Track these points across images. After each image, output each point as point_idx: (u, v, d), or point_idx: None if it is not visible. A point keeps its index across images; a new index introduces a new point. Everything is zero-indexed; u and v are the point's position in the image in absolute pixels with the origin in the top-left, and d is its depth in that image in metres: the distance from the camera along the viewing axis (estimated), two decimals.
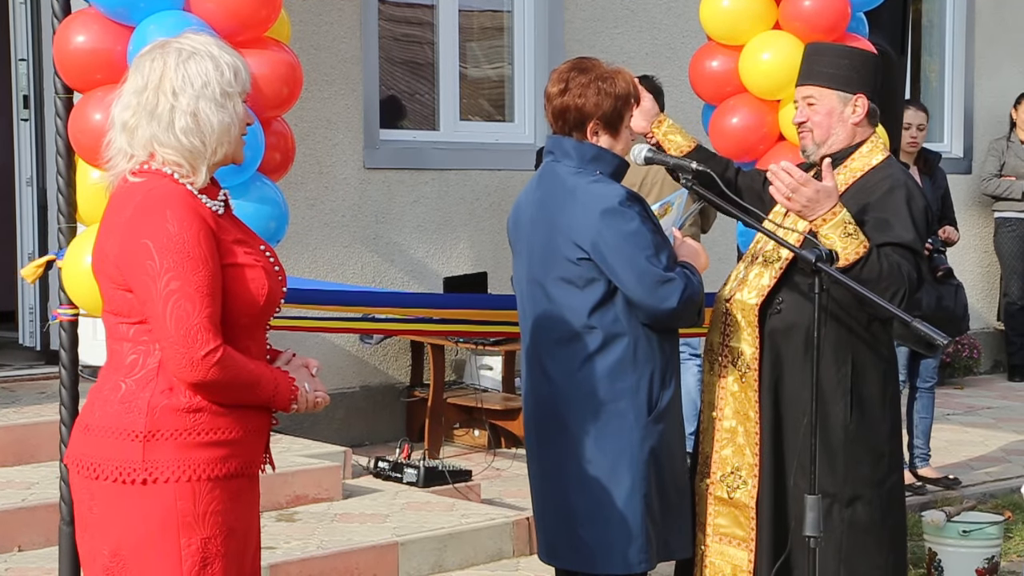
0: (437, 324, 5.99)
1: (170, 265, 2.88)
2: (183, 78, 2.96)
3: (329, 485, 5.84)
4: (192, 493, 2.93)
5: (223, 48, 3.04)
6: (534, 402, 4.01)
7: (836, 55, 4.18)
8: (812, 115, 4.11)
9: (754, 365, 4.08)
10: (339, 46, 7.61)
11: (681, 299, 3.80)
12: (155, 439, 2.93)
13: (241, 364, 2.95)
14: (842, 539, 4.03)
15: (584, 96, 3.87)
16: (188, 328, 2.87)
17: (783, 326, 4.07)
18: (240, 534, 3.03)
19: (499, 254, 8.01)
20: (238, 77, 3.01)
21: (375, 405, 7.72)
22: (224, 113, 2.98)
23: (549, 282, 3.92)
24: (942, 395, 8.16)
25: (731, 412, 4.14)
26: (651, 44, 8.74)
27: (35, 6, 7.16)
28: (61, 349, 4.40)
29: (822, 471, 3.87)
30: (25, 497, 5.26)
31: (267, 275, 3.04)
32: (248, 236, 3.11)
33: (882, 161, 4.11)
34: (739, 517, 4.12)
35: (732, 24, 5.04)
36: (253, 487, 3.09)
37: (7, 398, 6.35)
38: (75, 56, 4.13)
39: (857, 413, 4.05)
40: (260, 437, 3.07)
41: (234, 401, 2.98)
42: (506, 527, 5.62)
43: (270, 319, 3.12)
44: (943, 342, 3.64)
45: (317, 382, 3.11)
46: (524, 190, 4.11)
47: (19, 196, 7.41)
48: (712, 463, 4.17)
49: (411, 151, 7.99)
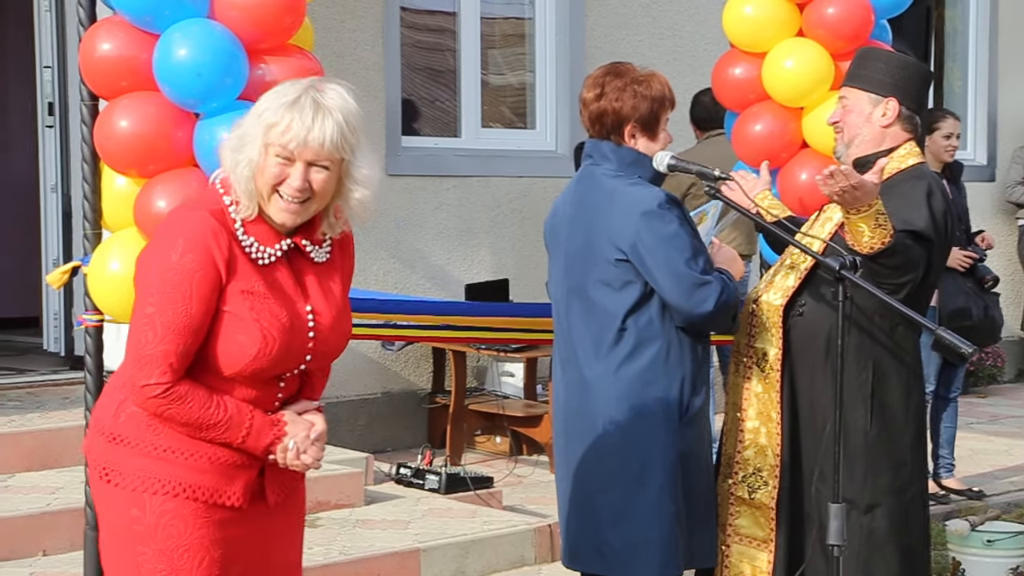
0: (459, 331, 5.99)
1: (155, 290, 2.86)
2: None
3: (351, 491, 5.85)
4: (142, 503, 2.91)
5: (325, 106, 2.86)
6: (565, 403, 4.02)
7: (875, 59, 4.24)
8: (843, 115, 4.18)
9: (777, 366, 4.09)
10: (361, 53, 7.63)
11: (717, 303, 3.81)
12: (116, 442, 2.94)
13: (195, 403, 2.87)
14: (860, 547, 4.02)
15: (620, 100, 3.89)
16: (140, 355, 2.86)
17: (805, 328, 4.07)
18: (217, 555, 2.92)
19: (521, 261, 8.01)
20: (275, 130, 2.86)
21: (397, 411, 7.73)
22: (237, 154, 2.89)
23: (585, 284, 3.94)
24: (965, 404, 8.12)
25: (754, 413, 4.14)
26: (672, 51, 8.74)
27: (60, 13, 7.20)
28: (86, 355, 4.42)
29: (839, 475, 3.87)
30: (50, 502, 5.28)
31: (265, 336, 2.89)
32: (280, 294, 2.94)
33: (914, 165, 4.14)
34: (759, 518, 4.12)
35: (755, 31, 5.03)
36: (239, 517, 2.96)
37: (32, 403, 6.38)
38: (101, 63, 4.15)
39: (878, 420, 4.04)
40: (235, 471, 2.95)
41: (187, 434, 2.91)
42: (528, 534, 5.62)
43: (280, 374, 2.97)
44: (968, 351, 3.61)
45: (313, 447, 2.96)
46: (562, 194, 4.13)
47: (44, 202, 7.44)
48: (735, 464, 4.17)
49: (433, 158, 7.99)
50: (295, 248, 2.99)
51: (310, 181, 2.90)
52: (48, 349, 7.49)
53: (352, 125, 2.90)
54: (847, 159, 4.17)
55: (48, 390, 6.71)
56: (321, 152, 2.87)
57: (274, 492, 3.02)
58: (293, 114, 2.85)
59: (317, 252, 3.03)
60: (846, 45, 4.91)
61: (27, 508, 5.20)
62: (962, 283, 6.64)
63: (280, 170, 2.88)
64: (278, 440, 2.94)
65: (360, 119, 2.94)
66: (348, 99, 2.92)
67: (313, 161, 2.88)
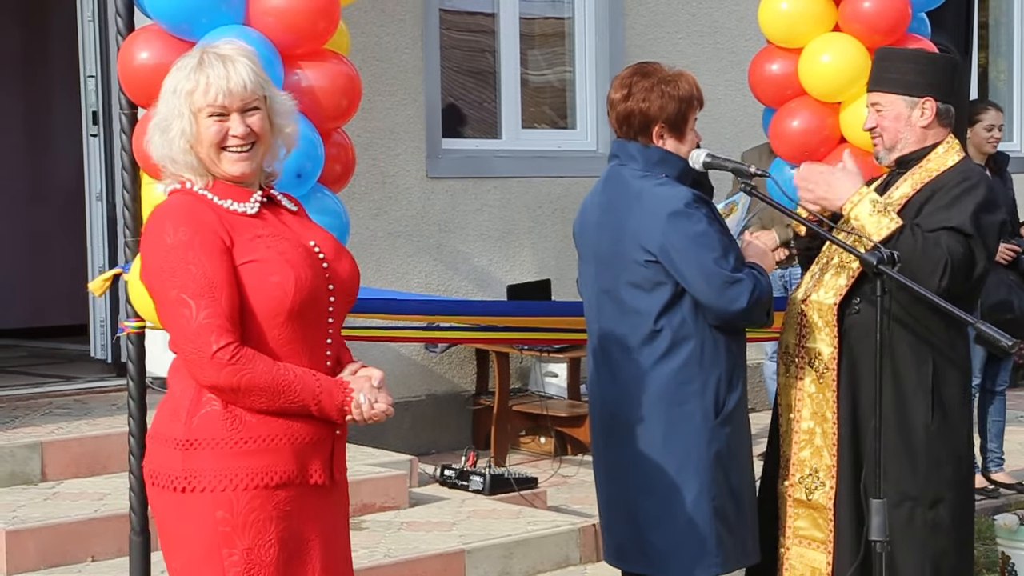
0: (502, 332, 6.00)
1: (168, 275, 2.90)
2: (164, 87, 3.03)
3: (396, 493, 5.86)
4: (229, 503, 2.90)
5: (221, 59, 3.00)
6: (601, 405, 4.02)
7: (902, 59, 4.23)
8: (880, 120, 4.17)
9: (832, 365, 4.08)
10: (401, 57, 7.66)
11: (750, 300, 3.80)
12: (193, 448, 2.93)
13: (264, 366, 2.90)
14: (926, 541, 4.01)
15: (648, 100, 3.88)
16: (190, 332, 2.87)
17: (860, 326, 4.05)
18: (293, 544, 2.97)
19: (563, 261, 8.01)
20: (197, 92, 2.97)
21: (441, 413, 7.75)
22: (168, 134, 3.00)
23: (616, 286, 3.93)
24: (1014, 397, 8.05)
25: (808, 413, 4.13)
26: (713, 48, 8.71)
27: (103, 23, 7.27)
28: (129, 361, 4.46)
29: (903, 473, 3.89)
30: (97, 508, 5.33)
31: (294, 268, 2.96)
32: (284, 230, 3.05)
33: (959, 162, 4.14)
34: (817, 519, 4.11)
35: (791, 27, 5.01)
36: (317, 496, 3.01)
37: (80, 410, 6.45)
38: (139, 72, 4.18)
39: (939, 414, 4.03)
40: (315, 447, 3.00)
41: (264, 406, 2.92)
42: (572, 534, 5.62)
43: (327, 322, 3.04)
44: (1007, 343, 3.60)
45: (381, 394, 3.00)
46: (589, 194, 4.12)
47: (89, 211, 7.52)
48: (791, 465, 4.16)
49: (474, 160, 8.01)
50: (269, 200, 3.10)
51: (250, 126, 3.01)
52: (95, 356, 7.57)
53: (257, 63, 3.07)
54: (889, 162, 4.20)
55: (95, 397, 6.78)
56: (246, 95, 3.00)
57: (339, 470, 3.08)
58: (206, 72, 2.98)
59: (287, 202, 3.16)
60: (883, 39, 4.86)
61: (75, 514, 5.26)
62: (1004, 276, 6.60)
63: (219, 127, 3.00)
64: (349, 397, 2.97)
65: (257, 55, 3.12)
66: (239, 43, 3.11)
67: (243, 107, 3.01)
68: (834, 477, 4.07)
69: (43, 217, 9.45)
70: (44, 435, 5.85)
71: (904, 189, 4.13)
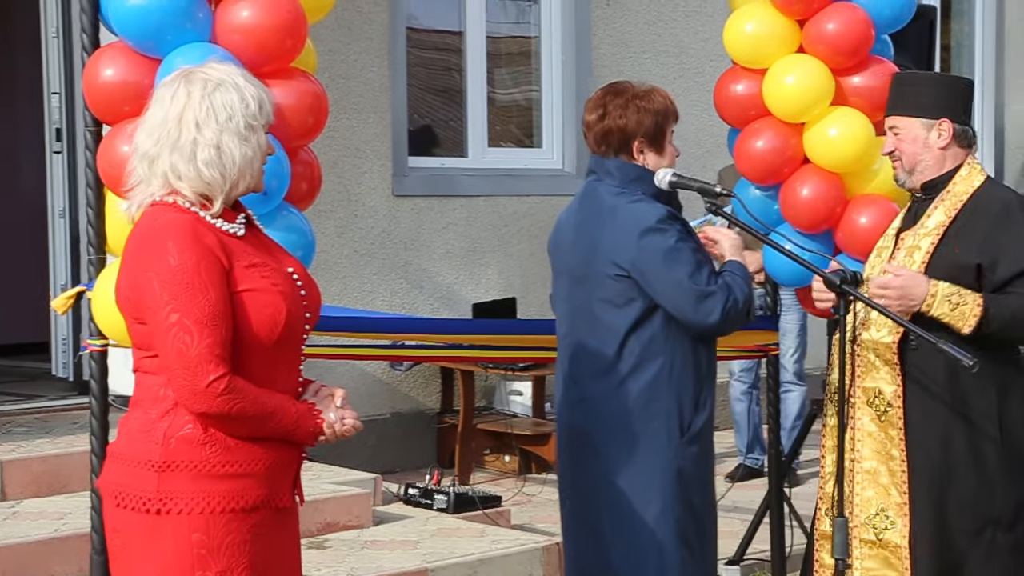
0: (467, 350, 6.00)
1: (170, 297, 2.88)
2: (207, 110, 2.96)
3: (359, 512, 5.85)
4: (206, 525, 2.90)
5: (248, 79, 3.05)
6: (568, 421, 4.03)
7: (918, 83, 4.31)
8: (899, 144, 4.20)
9: (897, 403, 4.08)
10: (367, 75, 7.66)
11: (724, 312, 3.84)
12: (169, 469, 2.92)
13: (253, 395, 2.92)
14: (1008, 561, 4.03)
15: (624, 116, 3.91)
16: (188, 359, 2.86)
17: (922, 362, 4.06)
18: (262, 567, 2.98)
19: (528, 279, 8.02)
20: (263, 109, 3.01)
21: (405, 432, 7.73)
22: (247, 146, 2.99)
23: (589, 301, 3.95)
24: None
25: (870, 453, 4.12)
26: (678, 68, 8.76)
27: (67, 40, 7.23)
28: (91, 379, 4.43)
29: (980, 498, 3.94)
30: (58, 527, 5.29)
31: (285, 299, 2.99)
32: (269, 258, 3.07)
33: (984, 183, 4.17)
34: (890, 558, 4.09)
35: (756, 48, 5.04)
36: (280, 520, 3.03)
37: (41, 428, 6.40)
38: (103, 89, 4.16)
39: (1007, 437, 4.06)
40: (285, 470, 3.03)
41: (249, 433, 2.94)
42: (536, 552, 5.61)
43: (301, 348, 3.08)
44: (969, 363, 3.70)
45: (346, 411, 3.04)
46: (564, 210, 4.14)
47: (52, 228, 7.47)
48: (853, 506, 4.12)
49: (440, 178, 8.02)
50: (247, 220, 3.11)
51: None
52: (57, 375, 7.51)
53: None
54: (911, 185, 4.23)
55: (57, 415, 6.73)
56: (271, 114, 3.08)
57: (299, 492, 3.11)
58: (250, 87, 3.01)
59: (259, 221, 3.18)
60: (846, 61, 4.91)
61: (36, 534, 5.21)
62: None
63: (267, 140, 3.05)
64: (319, 419, 3.00)
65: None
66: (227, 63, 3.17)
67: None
68: (907, 515, 4.05)
69: (4, 234, 9.38)
70: (4, 453, 5.80)
71: (939, 216, 4.14)
